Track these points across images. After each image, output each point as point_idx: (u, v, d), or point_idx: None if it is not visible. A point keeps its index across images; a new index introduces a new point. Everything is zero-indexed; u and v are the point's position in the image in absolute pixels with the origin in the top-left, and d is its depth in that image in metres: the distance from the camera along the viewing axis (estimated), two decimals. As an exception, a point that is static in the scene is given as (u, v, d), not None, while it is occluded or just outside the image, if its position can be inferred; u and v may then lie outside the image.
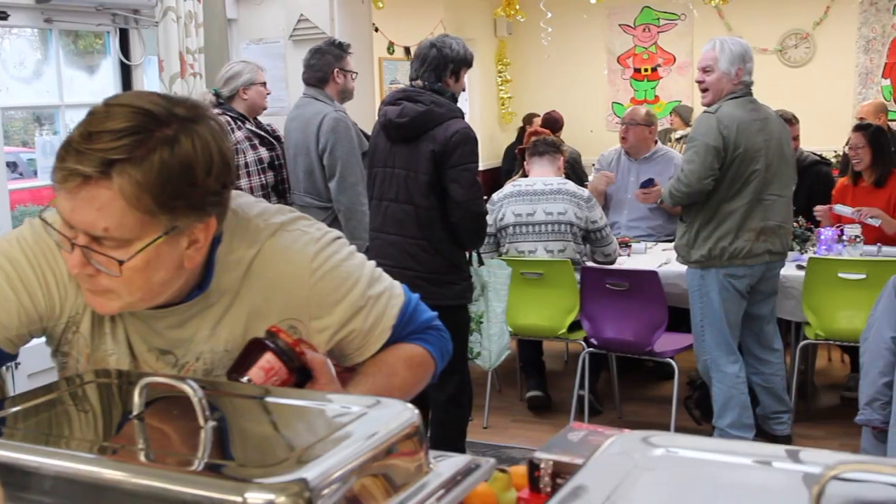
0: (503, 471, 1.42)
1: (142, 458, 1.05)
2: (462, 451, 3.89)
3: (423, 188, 3.64)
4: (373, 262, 1.62)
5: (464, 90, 3.87)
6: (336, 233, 1.58)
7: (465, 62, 3.77)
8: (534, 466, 1.26)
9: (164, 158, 1.24)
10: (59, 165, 1.24)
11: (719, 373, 4.20)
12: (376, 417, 1.09)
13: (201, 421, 1.07)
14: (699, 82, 4.16)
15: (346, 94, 4.59)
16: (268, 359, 1.38)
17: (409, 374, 1.61)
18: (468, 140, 3.61)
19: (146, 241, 1.27)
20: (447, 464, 1.15)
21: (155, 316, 1.44)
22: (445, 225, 3.67)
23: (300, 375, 1.41)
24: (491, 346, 4.12)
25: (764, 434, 4.35)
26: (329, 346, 1.53)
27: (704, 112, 4.08)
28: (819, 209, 5.15)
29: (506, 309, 4.16)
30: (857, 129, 5.18)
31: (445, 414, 3.82)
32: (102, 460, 1.02)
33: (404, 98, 3.70)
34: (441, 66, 3.70)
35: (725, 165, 3.99)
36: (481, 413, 4.87)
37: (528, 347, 5.16)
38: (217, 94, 4.63)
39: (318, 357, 1.43)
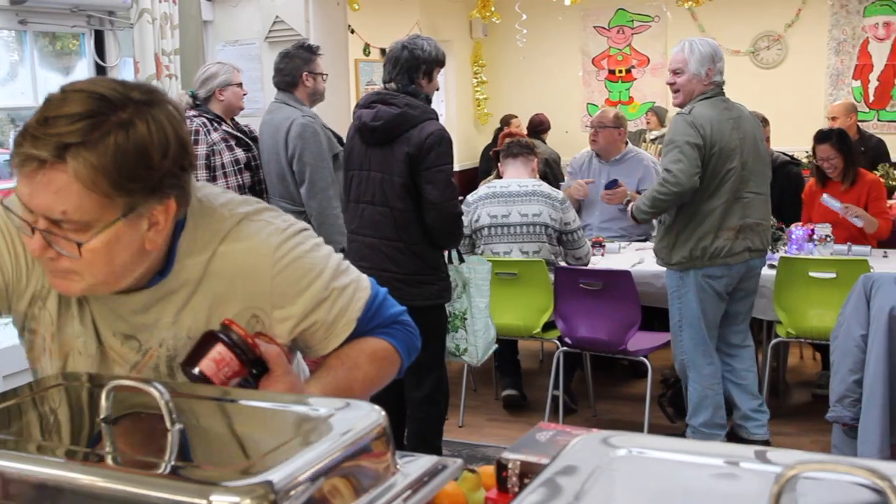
0: (472, 471, 1.43)
1: (108, 461, 1.06)
2: (439, 449, 3.91)
3: (399, 190, 3.65)
4: (340, 255, 1.64)
5: (437, 90, 3.87)
6: (303, 224, 1.59)
7: (438, 62, 3.77)
8: (501, 466, 1.27)
9: (119, 142, 1.25)
10: (17, 150, 1.26)
11: (696, 373, 4.22)
12: (343, 419, 1.10)
13: (168, 424, 1.07)
14: (670, 84, 4.17)
15: (316, 97, 4.58)
16: (219, 350, 1.38)
17: (372, 368, 1.61)
18: (443, 141, 3.62)
19: (105, 224, 1.29)
20: (414, 465, 1.16)
21: (119, 300, 1.46)
22: (421, 226, 3.68)
23: (256, 368, 1.41)
24: (477, 341, 4.14)
25: (741, 440, 4.35)
26: (292, 336, 1.53)
27: (678, 114, 4.10)
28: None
29: (489, 304, 4.17)
30: (822, 140, 5.14)
31: (422, 412, 3.83)
32: (69, 464, 1.03)
33: (378, 101, 3.71)
34: (413, 68, 3.70)
35: (703, 164, 3.98)
36: (457, 412, 4.88)
37: (504, 347, 5.17)
38: (193, 96, 4.63)
39: (273, 349, 1.43)
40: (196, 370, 1.38)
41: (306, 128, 4.38)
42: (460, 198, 3.97)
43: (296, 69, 4.50)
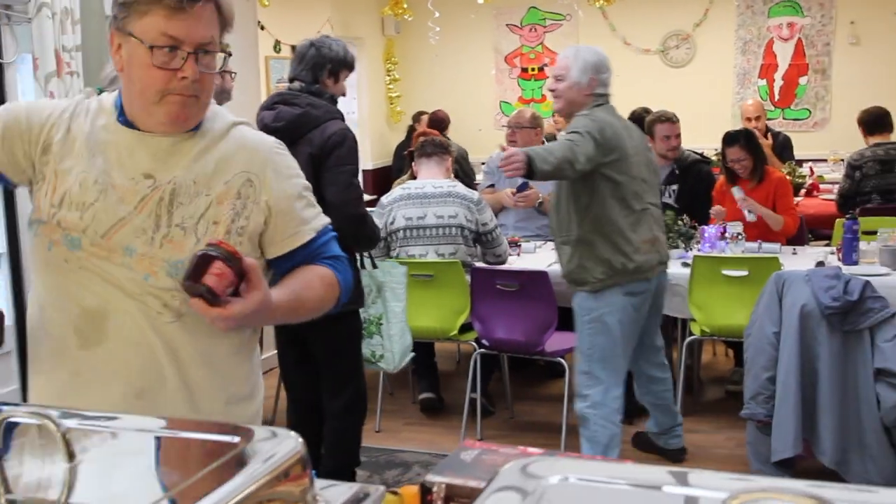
0: (394, 493, 1.37)
1: (2, 501, 0.96)
2: (357, 457, 3.83)
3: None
4: None
5: (343, 95, 3.76)
6: None
7: (345, 64, 3.68)
8: (426, 490, 1.21)
9: None
10: None
11: (605, 408, 3.84)
12: (260, 448, 1.03)
13: (65, 459, 0.98)
14: (551, 90, 3.91)
15: (223, 95, 4.45)
16: (218, 266, 1.58)
17: (322, 290, 1.84)
18: (346, 141, 3.51)
19: (219, 55, 1.76)
20: (335, 493, 1.09)
21: (161, 141, 1.75)
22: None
23: (240, 278, 1.62)
24: (393, 347, 4.05)
25: (657, 450, 4.38)
26: (273, 216, 1.81)
27: (579, 114, 3.81)
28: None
29: (405, 308, 4.10)
30: (731, 142, 5.21)
31: (341, 422, 3.75)
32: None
33: (280, 102, 3.61)
34: (319, 66, 3.61)
35: (606, 174, 3.71)
36: (373, 416, 4.81)
37: (420, 349, 5.12)
38: (100, 93, 4.47)
39: (253, 261, 1.64)
40: (203, 287, 1.57)
41: None
42: (374, 197, 3.90)
43: None
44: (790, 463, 3.83)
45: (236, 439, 1.04)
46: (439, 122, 8.48)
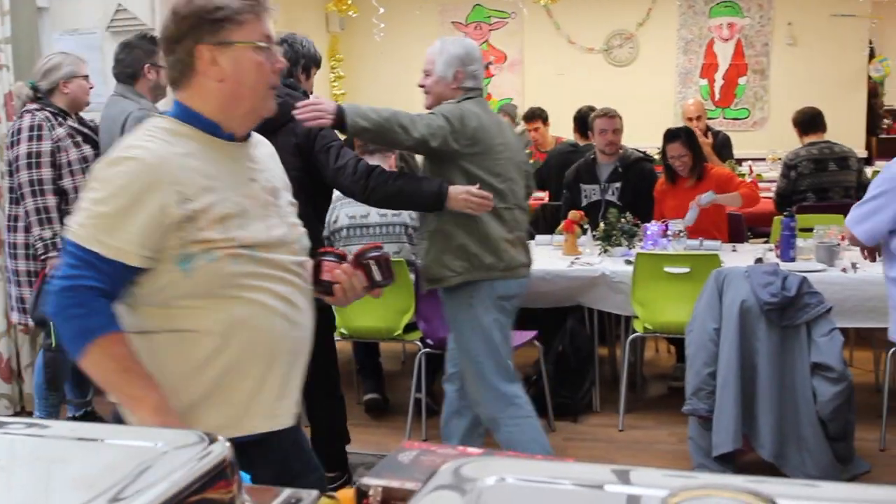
0: (331, 496, 1.34)
1: None
2: (349, 436, 4.08)
3: (293, 185, 3.54)
4: None
5: (312, 93, 3.77)
6: None
7: (315, 61, 3.74)
8: (362, 493, 1.18)
9: None
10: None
11: (513, 407, 3.67)
12: (184, 453, 0.99)
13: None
14: (421, 86, 3.73)
15: (159, 91, 4.38)
16: (332, 264, 2.11)
17: None
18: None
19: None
20: (265, 498, 1.06)
21: (242, 149, 2.03)
22: (315, 223, 3.58)
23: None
24: None
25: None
26: None
27: (446, 102, 3.63)
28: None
29: None
30: (672, 138, 5.29)
31: (330, 409, 3.91)
32: None
33: None
34: (293, 62, 3.65)
35: (465, 167, 3.53)
36: (317, 417, 4.75)
37: (364, 350, 5.08)
38: (35, 88, 4.37)
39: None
40: (327, 284, 2.09)
41: (141, 121, 4.16)
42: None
43: (137, 61, 4.30)
44: (731, 457, 3.87)
45: (160, 444, 1.00)
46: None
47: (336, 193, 4.78)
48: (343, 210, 4.67)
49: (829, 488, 0.78)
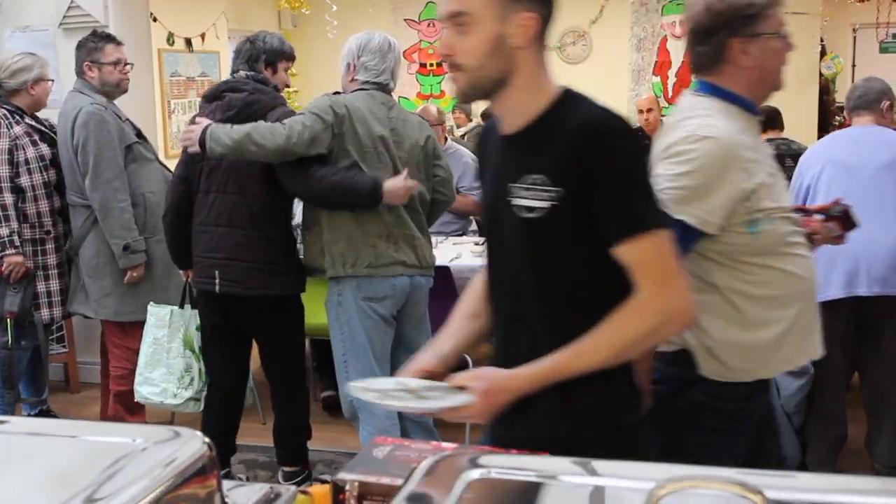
0: (304, 493, 1.33)
1: None
2: (311, 432, 4.06)
3: (257, 176, 3.59)
4: None
5: (288, 85, 3.86)
6: None
7: (283, 54, 3.80)
8: (338, 489, 1.18)
9: None
10: None
11: (368, 414, 3.63)
12: (164, 450, 0.98)
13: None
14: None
15: (107, 87, 4.34)
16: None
17: None
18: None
19: None
20: (244, 493, 1.05)
21: None
22: (276, 214, 3.67)
23: None
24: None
25: None
26: None
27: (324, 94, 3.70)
28: None
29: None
30: None
31: (293, 403, 3.93)
32: None
33: (227, 90, 3.68)
34: (254, 57, 3.72)
35: (341, 156, 3.51)
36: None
37: (322, 347, 5.06)
38: None
39: None
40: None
41: (92, 116, 4.15)
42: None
43: (80, 59, 4.31)
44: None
45: (139, 441, 0.99)
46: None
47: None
48: (296, 206, 4.66)
49: (814, 479, 0.79)
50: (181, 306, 4.01)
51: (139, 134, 4.39)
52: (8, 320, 4.26)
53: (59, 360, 5.34)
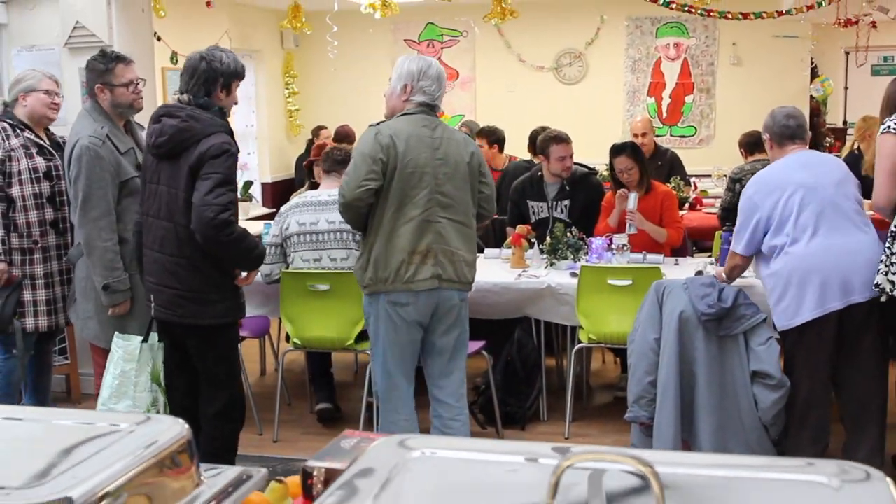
0: (280, 481, 1.45)
1: None
2: (233, 464, 3.83)
3: (183, 205, 3.55)
4: None
5: (236, 103, 3.79)
6: None
7: (237, 75, 3.69)
8: (306, 475, 1.30)
9: None
10: None
11: (388, 403, 3.88)
12: (145, 433, 1.10)
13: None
14: (385, 95, 4.03)
15: (120, 108, 4.28)
16: None
17: None
18: (222, 154, 3.52)
19: None
20: (219, 476, 1.17)
21: None
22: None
23: None
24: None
25: None
26: None
27: (369, 126, 3.90)
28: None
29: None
30: (619, 152, 5.42)
31: (215, 429, 3.75)
32: None
33: (164, 115, 3.62)
34: (212, 80, 3.61)
35: (388, 181, 3.71)
36: (271, 427, 4.84)
37: (317, 360, 5.18)
38: (6, 103, 4.53)
39: None
40: None
41: (86, 151, 4.08)
42: (273, 210, 3.96)
43: (90, 81, 4.24)
44: (671, 462, 4.00)
45: (125, 426, 1.12)
46: (345, 136, 8.57)
47: (289, 204, 4.92)
48: (293, 217, 4.79)
49: (701, 457, 0.92)
50: (146, 338, 3.81)
51: (140, 166, 4.18)
52: None
53: (61, 371, 5.44)
